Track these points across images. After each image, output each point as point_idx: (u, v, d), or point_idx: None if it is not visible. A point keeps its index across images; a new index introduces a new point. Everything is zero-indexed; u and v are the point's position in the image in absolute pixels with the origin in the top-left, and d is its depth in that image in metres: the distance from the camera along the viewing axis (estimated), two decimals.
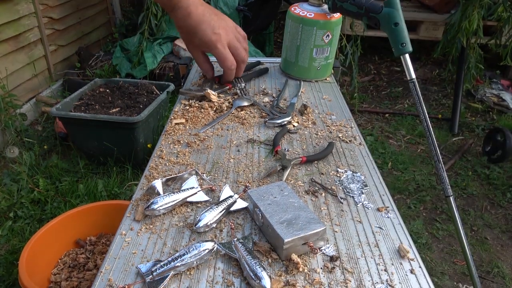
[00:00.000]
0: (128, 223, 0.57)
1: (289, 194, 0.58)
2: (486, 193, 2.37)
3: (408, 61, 0.79)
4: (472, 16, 2.57)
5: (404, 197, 2.31)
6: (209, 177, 0.67)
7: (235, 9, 3.25)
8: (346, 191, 0.66)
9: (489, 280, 1.82)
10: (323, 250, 0.54)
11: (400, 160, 2.60)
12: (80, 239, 1.61)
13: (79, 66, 3.20)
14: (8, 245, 1.80)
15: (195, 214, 0.59)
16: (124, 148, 2.17)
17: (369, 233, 0.57)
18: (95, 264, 1.51)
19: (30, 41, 2.71)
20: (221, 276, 0.49)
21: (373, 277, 0.50)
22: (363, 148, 0.78)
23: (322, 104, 0.95)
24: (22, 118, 2.57)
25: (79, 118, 2.05)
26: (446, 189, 0.82)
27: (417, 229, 2.07)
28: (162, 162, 0.70)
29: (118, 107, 2.25)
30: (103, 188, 2.09)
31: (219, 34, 0.82)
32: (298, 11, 0.97)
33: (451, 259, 1.92)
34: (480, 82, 3.42)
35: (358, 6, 0.85)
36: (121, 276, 0.49)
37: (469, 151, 2.74)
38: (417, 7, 3.77)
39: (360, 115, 3.14)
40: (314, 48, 0.98)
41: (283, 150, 0.75)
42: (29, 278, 1.29)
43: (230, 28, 0.85)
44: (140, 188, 0.64)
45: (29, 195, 2.04)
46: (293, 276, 0.50)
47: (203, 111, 0.87)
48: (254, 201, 0.56)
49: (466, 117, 3.15)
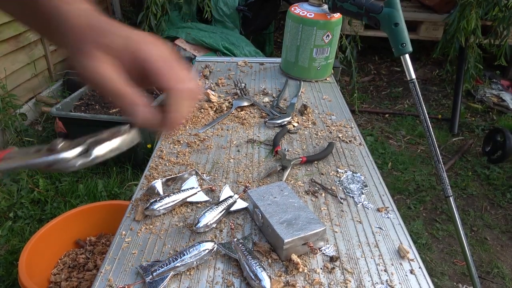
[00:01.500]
0: (128, 223, 0.57)
1: (289, 194, 0.58)
2: (486, 193, 2.37)
3: (408, 61, 0.79)
4: (470, 16, 2.57)
5: (404, 198, 2.31)
6: (209, 177, 0.67)
7: (235, 9, 3.26)
8: (346, 191, 0.66)
9: (489, 281, 1.82)
10: (323, 250, 0.54)
11: (400, 161, 2.60)
12: (80, 239, 1.60)
13: None
14: (8, 245, 1.80)
15: (195, 214, 0.59)
16: None
17: (369, 234, 0.57)
18: (95, 265, 1.51)
19: (30, 41, 2.71)
20: (221, 277, 0.49)
21: (373, 278, 0.50)
22: (363, 148, 0.78)
23: (322, 104, 0.95)
24: (22, 118, 2.57)
25: (79, 118, 2.05)
26: (446, 189, 0.82)
27: (417, 229, 2.07)
28: (162, 162, 0.70)
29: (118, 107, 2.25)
30: (103, 188, 2.09)
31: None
32: (298, 11, 0.97)
33: (451, 260, 1.92)
34: (480, 82, 3.42)
35: (358, 6, 0.85)
36: (121, 276, 0.49)
37: (469, 152, 2.74)
38: (417, 7, 3.77)
39: (360, 115, 3.14)
40: (314, 48, 0.98)
41: (283, 150, 0.75)
42: (29, 278, 1.29)
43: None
44: (140, 188, 0.64)
45: (29, 195, 2.04)
46: (293, 277, 0.50)
47: (203, 111, 0.87)
48: (254, 201, 0.56)
49: (466, 118, 3.14)
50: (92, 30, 0.43)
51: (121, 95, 0.43)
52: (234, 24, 3.34)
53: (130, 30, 0.44)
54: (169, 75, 0.44)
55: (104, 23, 0.44)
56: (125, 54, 0.43)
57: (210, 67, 1.07)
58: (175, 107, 0.44)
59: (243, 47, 3.12)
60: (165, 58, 0.45)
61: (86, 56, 0.42)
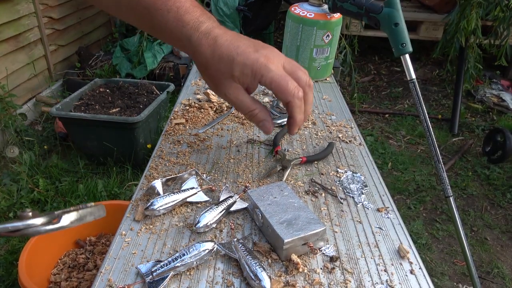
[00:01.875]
0: (128, 223, 0.57)
1: (289, 194, 0.58)
2: (486, 193, 2.37)
3: (408, 61, 0.79)
4: (470, 15, 2.57)
5: (404, 198, 2.31)
6: (209, 177, 0.67)
7: (235, 9, 3.25)
8: (346, 192, 0.66)
9: (489, 281, 1.82)
10: (323, 250, 0.54)
11: (400, 161, 2.60)
12: (79, 239, 1.61)
13: (79, 66, 3.20)
14: (7, 245, 1.80)
15: (195, 214, 0.59)
16: (124, 148, 2.17)
17: (369, 234, 0.57)
18: (95, 264, 1.51)
19: (30, 41, 2.71)
20: (221, 277, 0.49)
21: (373, 278, 0.50)
22: (363, 148, 0.78)
23: (322, 104, 0.95)
24: (22, 118, 2.57)
25: (79, 118, 2.05)
26: (446, 189, 0.82)
27: (417, 229, 2.07)
28: (162, 162, 0.70)
29: (118, 107, 2.25)
30: (103, 188, 2.09)
31: (266, 53, 0.56)
32: (298, 11, 0.97)
33: (451, 260, 1.92)
34: (480, 83, 3.42)
35: (358, 6, 0.85)
36: (121, 276, 0.49)
37: (469, 152, 2.74)
38: (417, 7, 3.77)
39: (360, 115, 3.14)
40: (314, 48, 0.98)
41: (283, 151, 0.75)
42: (29, 278, 1.29)
43: (276, 51, 0.59)
44: (140, 188, 0.64)
45: (29, 195, 2.04)
46: (293, 277, 0.50)
47: (203, 111, 0.87)
48: (254, 201, 0.56)
49: (466, 118, 3.15)
50: (223, 63, 0.55)
51: (252, 114, 0.58)
52: (234, 24, 3.34)
53: (255, 52, 0.55)
54: (286, 91, 0.55)
55: (231, 48, 0.55)
56: (253, 82, 0.56)
57: None
58: (295, 115, 0.58)
59: None
60: (282, 76, 0.55)
61: (225, 88, 0.57)
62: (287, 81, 0.55)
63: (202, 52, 0.56)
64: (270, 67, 0.55)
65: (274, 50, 0.58)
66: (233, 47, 0.55)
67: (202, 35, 0.55)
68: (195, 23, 0.56)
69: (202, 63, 0.57)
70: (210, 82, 0.59)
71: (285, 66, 0.57)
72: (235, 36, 0.57)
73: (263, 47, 0.57)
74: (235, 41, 0.56)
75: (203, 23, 0.56)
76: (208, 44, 0.55)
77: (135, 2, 0.57)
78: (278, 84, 0.55)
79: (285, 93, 0.56)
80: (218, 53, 0.55)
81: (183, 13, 0.56)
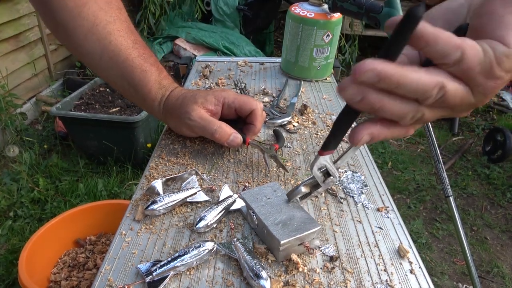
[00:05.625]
0: (128, 223, 0.57)
1: (282, 194, 0.57)
2: (486, 193, 2.37)
3: None
4: None
5: (404, 197, 2.32)
6: (209, 177, 0.67)
7: (235, 8, 3.25)
8: (346, 191, 0.66)
9: (489, 280, 1.82)
10: (323, 250, 0.54)
11: (400, 160, 2.61)
12: (80, 238, 1.61)
13: (79, 66, 3.20)
14: (8, 244, 1.80)
15: (195, 214, 0.59)
16: (124, 148, 2.17)
17: (369, 233, 0.57)
18: (95, 264, 1.51)
19: (30, 40, 2.71)
20: (221, 276, 0.49)
21: (373, 277, 0.50)
22: (363, 148, 0.78)
23: (322, 104, 0.95)
24: (22, 118, 2.57)
25: (79, 117, 2.05)
26: (446, 189, 0.82)
27: (417, 229, 2.07)
28: (162, 162, 0.70)
29: (118, 106, 2.25)
30: (103, 187, 2.10)
31: (220, 90, 0.70)
32: (298, 11, 0.97)
33: (451, 259, 1.92)
34: None
35: (359, 6, 0.85)
36: (121, 276, 0.49)
37: (469, 151, 2.75)
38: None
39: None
40: (314, 48, 0.98)
41: (253, 141, 0.71)
42: (29, 277, 1.29)
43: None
44: (140, 188, 0.64)
45: (29, 194, 2.04)
46: (293, 276, 0.50)
47: None
48: (248, 202, 0.56)
49: (466, 117, 3.15)
50: (186, 99, 0.68)
51: (217, 130, 0.67)
52: (234, 23, 3.34)
53: (201, 96, 0.68)
54: (250, 102, 0.69)
55: (193, 91, 0.70)
56: (216, 106, 0.68)
57: (210, 67, 1.07)
58: (256, 123, 0.70)
59: (243, 47, 3.12)
60: (242, 95, 0.70)
61: (187, 114, 0.67)
62: (247, 97, 0.70)
63: (169, 103, 0.70)
64: (228, 92, 0.69)
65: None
66: (193, 92, 0.69)
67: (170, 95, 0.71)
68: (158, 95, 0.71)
69: (168, 110, 0.70)
70: (173, 120, 0.71)
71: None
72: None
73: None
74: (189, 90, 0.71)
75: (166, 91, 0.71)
76: (172, 95, 0.70)
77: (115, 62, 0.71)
78: (240, 98, 0.69)
79: (248, 104, 0.69)
80: (182, 97, 0.69)
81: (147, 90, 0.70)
